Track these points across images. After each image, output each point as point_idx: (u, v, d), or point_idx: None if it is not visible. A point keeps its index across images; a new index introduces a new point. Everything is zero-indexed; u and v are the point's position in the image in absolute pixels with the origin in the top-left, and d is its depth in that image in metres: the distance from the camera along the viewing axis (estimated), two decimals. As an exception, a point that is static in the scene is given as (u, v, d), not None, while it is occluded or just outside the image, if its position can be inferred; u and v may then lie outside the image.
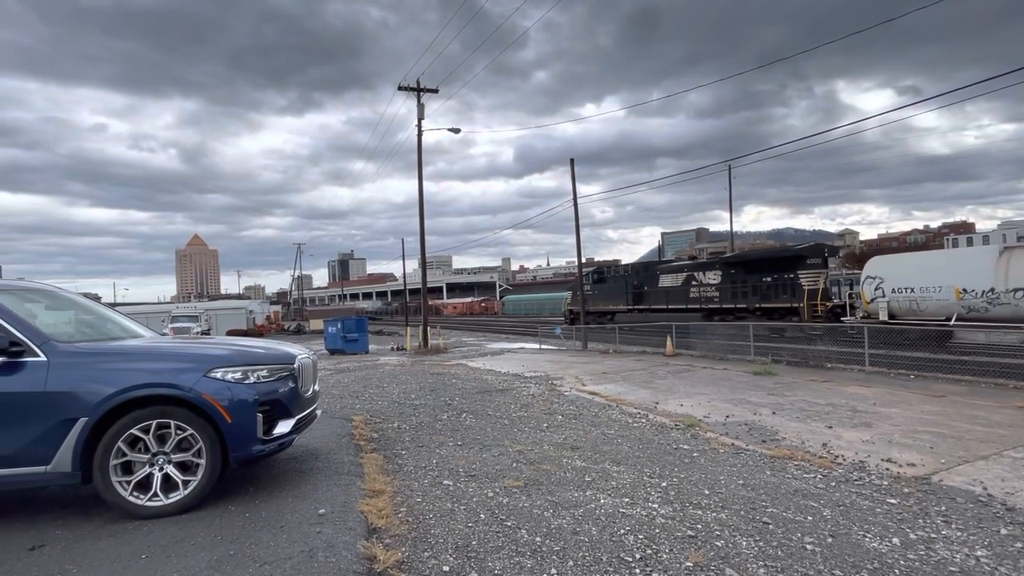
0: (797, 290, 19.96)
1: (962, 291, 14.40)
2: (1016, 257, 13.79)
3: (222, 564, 3.16)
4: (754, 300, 21.56)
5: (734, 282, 22.53)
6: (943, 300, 14.82)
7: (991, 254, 14.51)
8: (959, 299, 14.49)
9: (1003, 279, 13.69)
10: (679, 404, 8.65)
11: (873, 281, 16.43)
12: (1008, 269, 13.73)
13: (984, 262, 14.37)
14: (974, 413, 7.39)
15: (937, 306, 14.94)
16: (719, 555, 3.34)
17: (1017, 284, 13.28)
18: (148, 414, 3.97)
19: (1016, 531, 3.72)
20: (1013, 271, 13.63)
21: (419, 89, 23.32)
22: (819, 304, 19.06)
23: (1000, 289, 13.69)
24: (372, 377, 13.23)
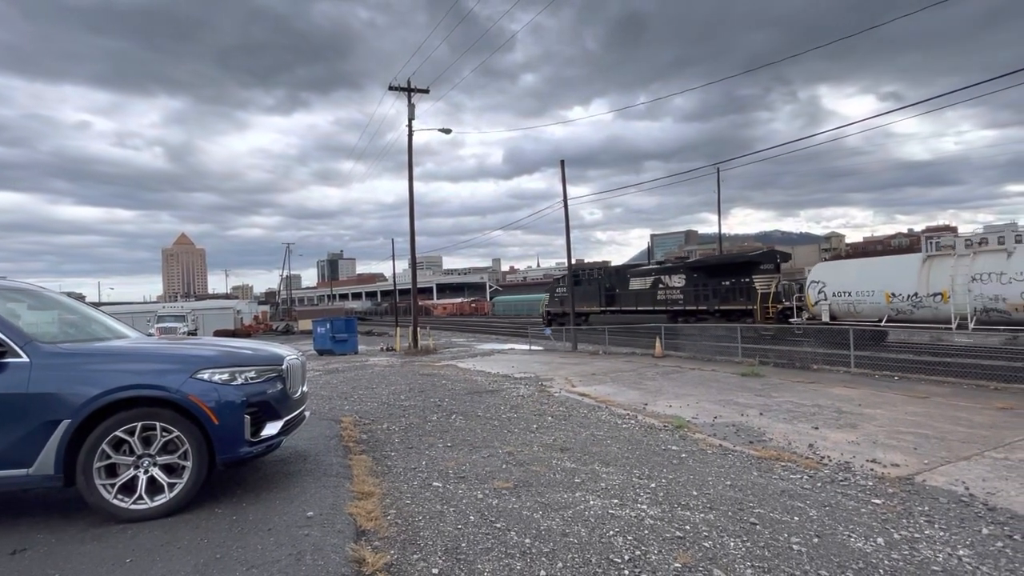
0: (752, 293, 21.25)
1: (891, 295, 15.58)
2: (936, 265, 14.91)
3: (208, 568, 3.13)
4: (714, 302, 22.89)
5: (696, 285, 23.95)
6: (876, 303, 15.98)
7: (916, 261, 15.57)
8: (889, 302, 15.65)
9: (925, 284, 14.88)
10: (668, 405, 8.70)
11: (817, 285, 17.62)
12: (929, 275, 14.87)
13: (910, 269, 15.46)
14: (956, 414, 7.51)
15: (871, 308, 16.09)
16: (707, 556, 3.36)
17: (936, 289, 14.46)
18: (133, 416, 3.92)
19: (997, 530, 3.78)
20: (933, 277, 14.75)
21: (410, 89, 23.26)
22: (771, 306, 20.35)
23: (923, 293, 14.86)
24: (361, 378, 13.17)
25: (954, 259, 14.60)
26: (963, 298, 13.92)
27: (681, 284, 24.76)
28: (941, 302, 14.45)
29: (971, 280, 13.90)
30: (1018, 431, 6.52)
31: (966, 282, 13.95)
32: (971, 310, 13.75)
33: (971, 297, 13.79)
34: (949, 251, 15.00)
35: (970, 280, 13.91)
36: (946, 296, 14.35)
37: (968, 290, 13.86)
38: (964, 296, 13.90)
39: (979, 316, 13.82)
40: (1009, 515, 4.07)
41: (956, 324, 14.14)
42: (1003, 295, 13.34)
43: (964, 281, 13.99)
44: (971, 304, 13.77)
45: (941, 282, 14.50)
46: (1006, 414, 7.47)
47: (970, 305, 13.79)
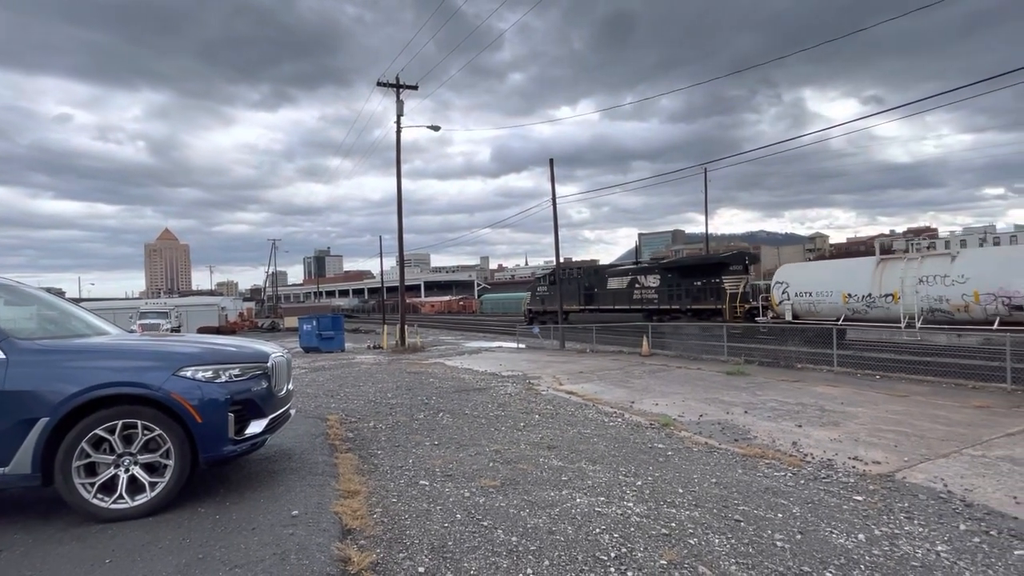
0: (721, 293, 22.07)
1: (848, 295, 16.46)
2: (888, 267, 15.76)
3: (190, 568, 3.08)
4: (686, 302, 23.69)
5: (670, 285, 24.80)
6: (834, 303, 16.83)
7: (871, 264, 16.38)
8: (845, 302, 16.53)
9: (878, 285, 15.73)
10: (654, 403, 8.76)
11: (781, 286, 18.44)
12: (882, 277, 15.69)
13: (865, 271, 16.29)
14: (936, 412, 7.65)
15: (829, 308, 16.95)
16: (692, 553, 3.39)
17: (888, 290, 15.34)
18: (114, 414, 3.85)
19: (974, 526, 3.86)
20: (885, 279, 15.56)
21: (398, 85, 23.11)
22: (738, 306, 21.19)
23: (876, 294, 15.73)
24: (348, 376, 13.08)
25: (904, 262, 15.53)
26: (911, 299, 14.75)
27: (656, 284, 25.59)
28: (892, 302, 15.28)
29: (918, 282, 14.72)
30: (995, 429, 6.66)
31: (914, 284, 14.78)
32: (918, 310, 14.61)
33: (918, 298, 14.61)
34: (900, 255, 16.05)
35: (918, 282, 14.74)
36: (896, 297, 15.17)
37: (916, 291, 14.68)
38: (912, 297, 14.73)
39: (925, 316, 14.65)
40: (986, 511, 4.16)
41: (905, 323, 14.91)
42: (946, 296, 14.15)
43: (912, 283, 14.82)
44: (918, 304, 14.60)
45: (892, 284, 15.32)
46: (983, 412, 7.63)
47: (917, 305, 14.62)
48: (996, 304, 13.38)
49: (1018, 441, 6.12)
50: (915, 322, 14.53)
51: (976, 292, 13.65)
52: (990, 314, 13.45)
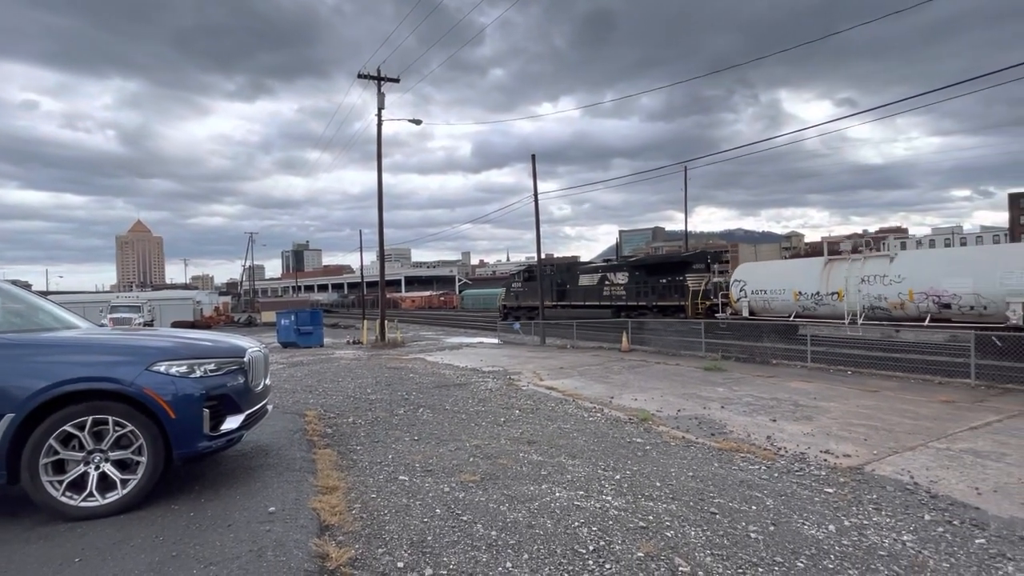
0: (684, 290, 23.04)
1: (799, 293, 17.42)
2: (834, 267, 16.73)
3: (163, 566, 3.03)
4: (652, 298, 24.67)
5: (637, 282, 25.75)
6: (786, 300, 17.76)
7: (819, 264, 17.38)
8: (796, 300, 17.48)
9: (825, 284, 16.69)
10: (633, 398, 8.86)
11: (739, 284, 19.33)
12: (829, 277, 16.65)
13: (814, 270, 17.26)
14: (904, 407, 7.89)
15: (782, 305, 17.85)
16: (669, 545, 3.45)
17: (834, 288, 16.33)
18: (83, 410, 3.75)
19: (938, 516, 4.00)
20: (832, 278, 16.53)
21: (380, 78, 22.84)
22: (700, 303, 22.11)
23: (823, 292, 16.71)
24: (327, 371, 12.94)
25: (848, 263, 16.42)
26: (854, 297, 15.72)
27: (624, 281, 26.50)
28: (837, 300, 16.25)
29: (861, 281, 15.65)
30: (959, 423, 6.89)
31: (857, 283, 15.72)
32: (860, 307, 15.58)
33: (860, 296, 15.56)
34: (846, 256, 16.90)
35: (860, 281, 15.66)
36: (841, 295, 16.15)
37: (859, 290, 15.63)
38: (855, 295, 15.70)
39: (867, 313, 15.61)
40: (950, 502, 4.30)
41: (848, 320, 15.81)
42: (885, 295, 15.11)
43: (856, 282, 15.77)
44: (860, 302, 15.56)
45: (838, 283, 16.27)
46: (949, 407, 7.89)
47: (859, 303, 15.59)
48: (928, 302, 14.40)
49: (981, 434, 6.35)
50: (857, 319, 15.54)
51: (911, 291, 14.63)
52: (922, 311, 14.47)
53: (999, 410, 7.62)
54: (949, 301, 14.05)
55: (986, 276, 13.56)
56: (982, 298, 13.57)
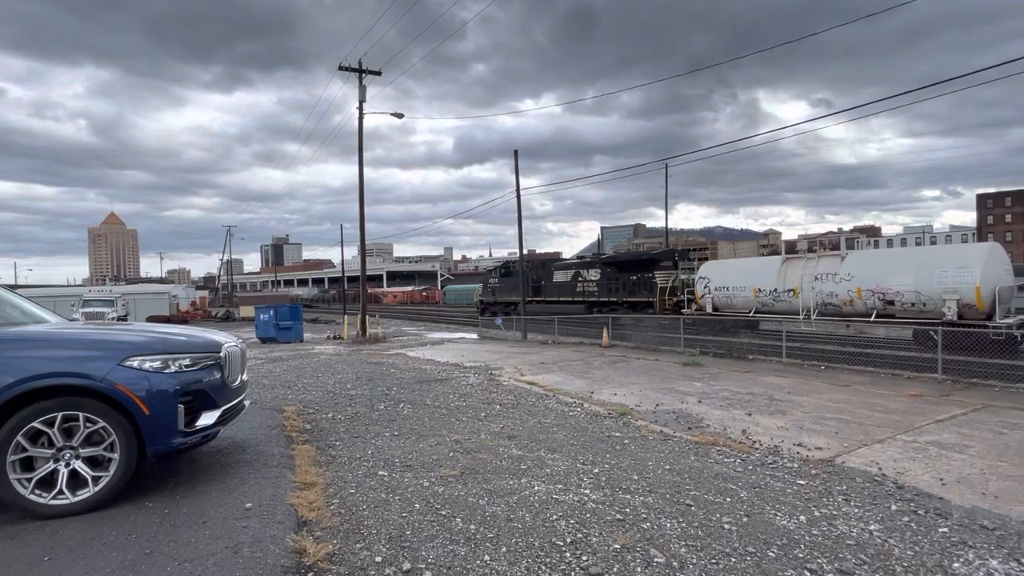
0: (653, 287, 23.88)
1: (758, 290, 18.29)
2: (790, 266, 17.73)
3: (136, 564, 2.99)
4: (623, 294, 25.38)
5: (609, 279, 26.49)
6: (747, 297, 18.62)
7: (777, 263, 18.40)
8: (756, 296, 18.34)
9: (782, 282, 17.61)
10: (613, 393, 8.95)
11: (703, 281, 20.23)
12: (785, 274, 17.60)
13: (772, 268, 18.22)
14: (874, 401, 8.11)
15: (743, 301, 18.71)
16: (645, 537, 3.51)
17: (790, 286, 17.29)
18: (53, 406, 3.67)
19: (904, 506, 4.13)
20: (788, 276, 17.47)
21: (361, 71, 22.57)
22: (667, 299, 23.01)
23: (780, 289, 17.60)
24: (306, 367, 12.81)
25: (803, 262, 17.44)
26: (809, 294, 16.64)
27: (597, 278, 27.33)
28: (793, 296, 17.21)
29: (815, 279, 16.60)
30: (926, 416, 7.11)
31: (811, 281, 16.65)
32: (814, 304, 16.52)
33: (814, 293, 16.50)
34: (802, 255, 17.99)
35: (814, 279, 16.60)
36: (797, 292, 17.08)
37: (812, 287, 16.57)
38: (810, 292, 16.63)
39: (820, 309, 16.52)
40: (915, 492, 4.45)
41: (803, 315, 16.77)
42: (836, 292, 16.05)
43: (810, 280, 16.70)
44: (814, 299, 16.51)
45: (793, 280, 17.22)
46: (916, 401, 8.13)
47: (813, 300, 16.53)
48: (874, 299, 15.29)
49: (946, 427, 6.56)
50: (811, 314, 16.52)
51: (859, 289, 15.52)
52: (869, 307, 15.34)
53: (964, 404, 7.88)
54: (893, 298, 14.94)
55: (925, 275, 14.49)
56: (922, 295, 14.47)
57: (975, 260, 14.14)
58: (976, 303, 13.69)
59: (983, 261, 14.09)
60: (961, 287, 13.92)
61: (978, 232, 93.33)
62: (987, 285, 13.69)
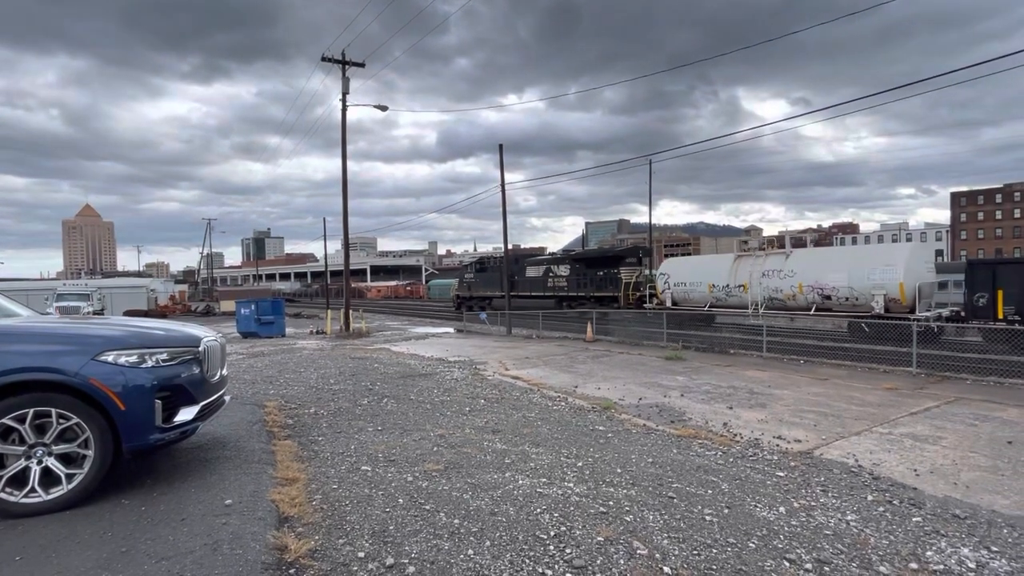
0: (618, 283, 25.15)
1: (712, 285, 19.42)
2: (742, 263, 18.93)
3: (112, 562, 2.93)
4: (591, 289, 26.50)
5: (578, 275, 27.69)
6: (702, 292, 19.81)
7: (730, 260, 19.56)
8: (711, 292, 19.49)
9: (734, 277, 18.77)
10: (597, 387, 9.00)
11: (663, 277, 21.40)
12: (737, 271, 18.74)
13: (725, 265, 19.36)
14: (851, 394, 8.28)
15: (700, 296, 19.94)
16: (628, 529, 3.53)
17: (740, 281, 18.49)
18: (24, 401, 3.57)
19: (880, 497, 4.23)
20: (739, 272, 18.62)
21: (344, 62, 22.26)
22: (631, 293, 24.23)
23: (732, 285, 18.75)
24: (288, 362, 12.66)
25: (753, 259, 18.58)
26: (757, 289, 17.83)
27: (567, 273, 28.46)
28: (743, 292, 18.30)
29: (762, 276, 17.74)
30: (901, 409, 7.28)
31: (759, 277, 17.82)
32: (761, 298, 17.73)
33: (762, 288, 17.67)
34: (751, 252, 19.12)
35: (762, 276, 17.75)
36: (746, 287, 18.16)
37: (760, 283, 17.73)
38: (758, 288, 17.80)
39: (766, 303, 17.69)
40: (890, 483, 4.55)
41: (752, 309, 17.81)
42: (781, 287, 17.31)
43: (758, 276, 17.85)
44: (761, 294, 17.70)
45: (744, 276, 18.35)
46: (892, 394, 8.32)
47: (760, 295, 17.72)
48: (813, 294, 16.52)
49: (920, 419, 6.73)
50: (759, 308, 17.67)
51: (801, 284, 16.75)
52: (810, 302, 16.61)
53: (937, 396, 8.08)
54: (830, 293, 16.19)
55: (857, 273, 15.67)
56: (854, 291, 15.69)
57: (899, 259, 15.28)
58: (900, 298, 14.85)
59: (906, 260, 15.20)
60: (887, 283, 15.09)
61: (952, 229, 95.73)
62: (909, 282, 14.82)
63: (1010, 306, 12.95)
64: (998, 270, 13.65)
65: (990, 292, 13.36)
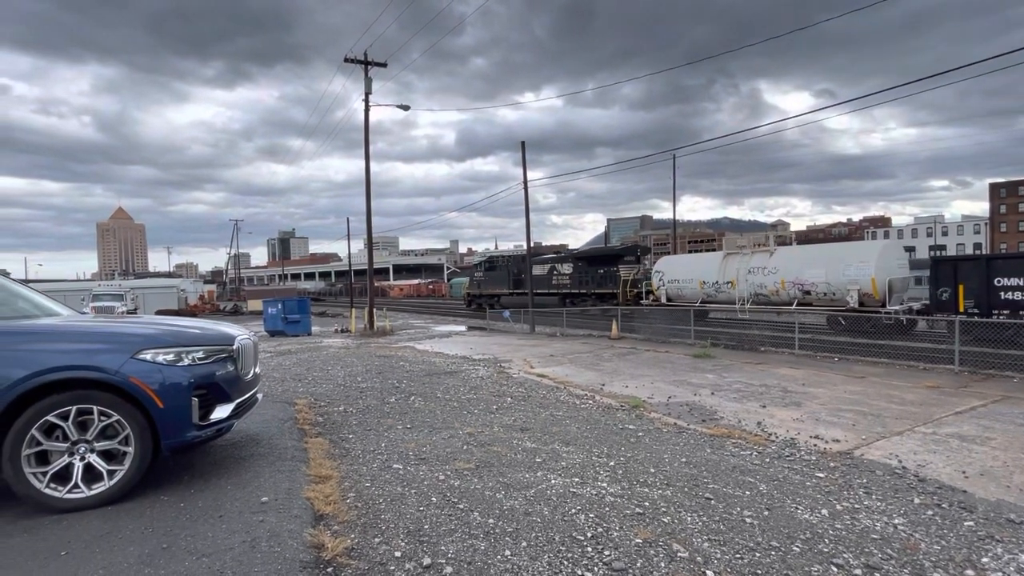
0: (617, 280, 26.26)
1: (703, 282, 20.53)
2: (730, 260, 20.02)
3: (154, 558, 2.96)
4: (592, 287, 27.82)
5: (580, 272, 29.06)
6: (694, 288, 20.88)
7: (719, 258, 20.80)
8: (701, 288, 20.57)
9: (723, 274, 19.80)
10: (624, 385, 8.89)
11: (659, 274, 22.63)
12: (725, 268, 19.77)
13: (715, 263, 20.50)
14: (890, 392, 8.00)
15: (692, 292, 20.97)
16: (666, 531, 3.45)
17: (729, 278, 19.49)
18: (67, 399, 3.64)
19: (927, 500, 4.05)
20: (727, 269, 19.67)
21: (367, 62, 22.43)
22: (629, 290, 25.31)
23: (721, 281, 19.81)
24: (316, 360, 12.82)
25: (739, 256, 19.79)
26: (744, 285, 18.88)
27: (569, 271, 29.77)
28: (731, 288, 19.29)
29: (748, 272, 18.76)
30: (945, 408, 7.01)
31: (746, 274, 18.84)
32: (748, 294, 18.77)
33: (748, 284, 18.70)
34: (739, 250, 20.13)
35: (748, 272, 18.78)
36: (734, 283, 19.19)
37: (747, 279, 18.75)
38: (744, 284, 18.87)
39: (753, 299, 18.67)
40: (938, 485, 4.37)
41: (739, 304, 18.80)
42: (765, 283, 18.31)
43: (745, 273, 18.89)
44: (748, 290, 18.74)
45: (732, 273, 19.37)
46: (934, 392, 8.02)
47: (747, 291, 18.75)
48: (794, 289, 17.49)
49: (966, 419, 6.46)
50: (746, 303, 18.70)
51: (783, 280, 17.82)
52: (792, 297, 17.62)
53: (983, 395, 7.76)
54: (810, 288, 17.21)
55: (833, 269, 16.61)
56: (831, 286, 16.61)
57: (871, 256, 16.15)
58: (873, 292, 15.73)
59: (877, 257, 16.04)
60: (860, 279, 15.98)
61: (991, 221, 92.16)
62: (881, 277, 15.67)
63: (970, 300, 13.71)
64: (959, 266, 14.33)
65: (952, 287, 14.03)
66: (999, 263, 13.65)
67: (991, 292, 13.32)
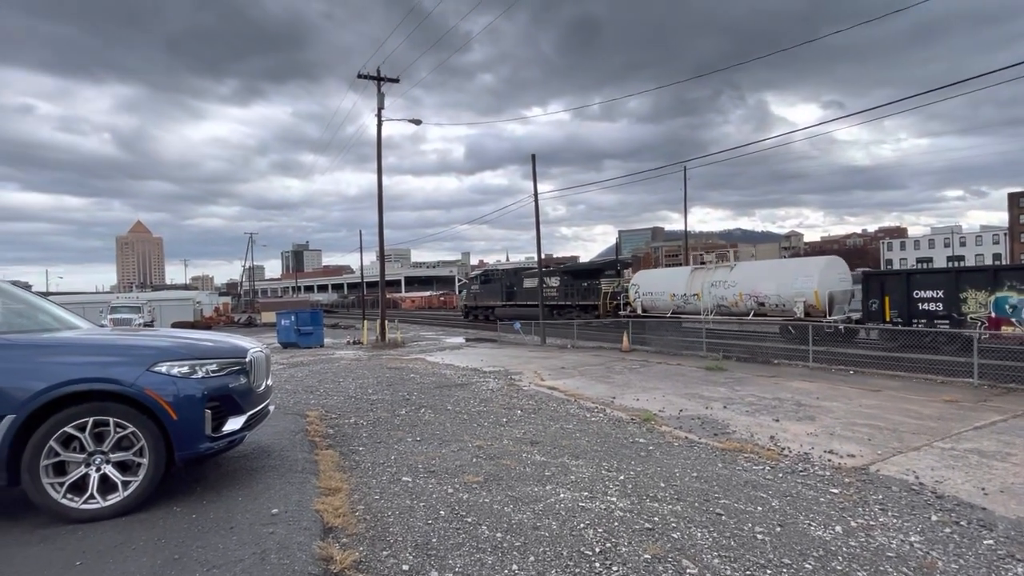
0: (598, 293, 27.87)
1: (673, 295, 22.29)
2: (696, 274, 21.93)
3: (166, 569, 3.00)
4: (576, 299, 29.67)
5: (566, 285, 31.18)
6: (665, 300, 22.67)
7: (687, 272, 22.75)
8: (672, 300, 22.32)
9: (690, 287, 21.61)
10: (635, 399, 8.83)
11: (635, 287, 24.57)
12: (692, 281, 21.61)
13: (683, 277, 22.35)
14: (907, 407, 7.86)
15: (663, 304, 22.73)
16: (676, 547, 3.42)
17: (695, 291, 21.36)
18: (84, 411, 3.72)
19: (945, 517, 3.97)
20: (694, 283, 21.49)
21: (379, 78, 22.81)
22: (608, 302, 26.79)
23: (688, 294, 21.60)
24: (327, 372, 12.91)
25: (704, 271, 21.87)
26: (707, 297, 20.70)
27: (557, 284, 31.78)
28: (697, 300, 21.10)
29: (712, 285, 20.58)
30: (964, 423, 6.87)
31: (709, 287, 20.65)
32: (711, 305, 20.62)
33: (711, 296, 20.56)
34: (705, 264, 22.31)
35: (711, 285, 20.59)
36: (700, 296, 20.92)
37: (710, 292, 20.55)
38: (708, 296, 20.68)
39: (716, 310, 20.36)
40: (956, 502, 4.28)
41: (704, 315, 20.21)
42: (726, 296, 20.13)
43: (708, 286, 20.69)
44: (711, 301, 20.59)
45: (697, 286, 21.19)
46: (952, 407, 7.86)
47: (710, 302, 20.60)
48: (751, 301, 19.22)
49: (985, 434, 6.32)
50: (709, 314, 20.16)
51: (741, 293, 19.53)
52: (748, 308, 19.31)
53: (1002, 410, 7.60)
54: (764, 300, 18.92)
55: (783, 282, 18.38)
56: (782, 298, 18.33)
57: (815, 271, 18.01)
58: (816, 304, 17.48)
59: (820, 272, 17.85)
60: (806, 291, 17.71)
61: (1010, 231, 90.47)
62: (823, 290, 17.44)
63: (895, 310, 15.28)
64: (886, 280, 16.02)
65: (879, 299, 15.59)
66: (917, 277, 15.43)
67: (911, 303, 14.95)
